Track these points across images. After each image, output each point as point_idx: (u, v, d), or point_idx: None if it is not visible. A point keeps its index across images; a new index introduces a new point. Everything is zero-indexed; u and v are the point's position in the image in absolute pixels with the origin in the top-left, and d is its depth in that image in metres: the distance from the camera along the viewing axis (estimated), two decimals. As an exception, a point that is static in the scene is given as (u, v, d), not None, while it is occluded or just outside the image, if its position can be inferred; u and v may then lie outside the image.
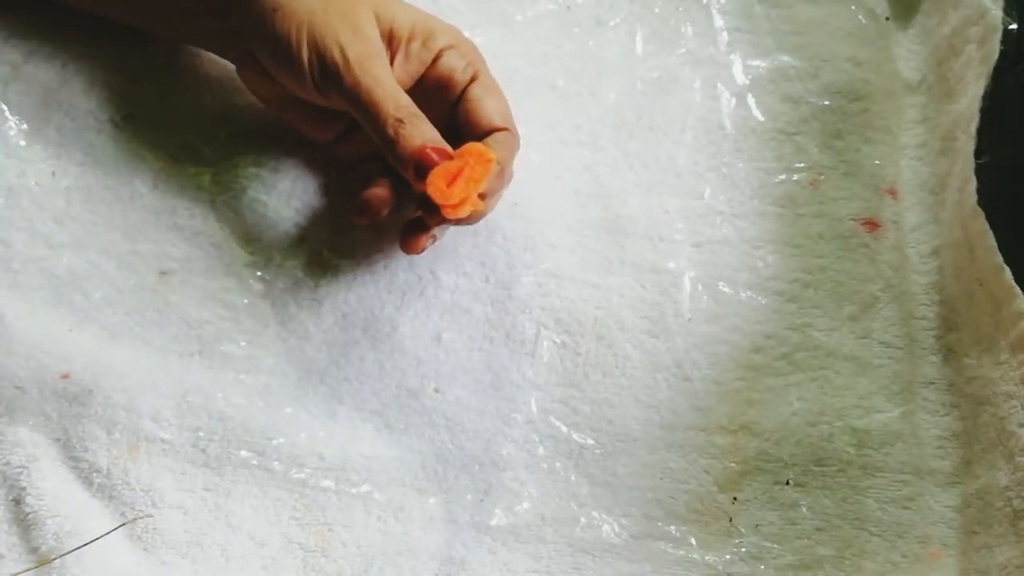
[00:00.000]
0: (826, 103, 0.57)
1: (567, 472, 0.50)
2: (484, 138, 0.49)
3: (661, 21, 0.60)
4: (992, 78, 0.52)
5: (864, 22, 0.60)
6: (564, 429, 0.50)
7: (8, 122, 0.54)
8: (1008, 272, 0.48)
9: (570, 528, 0.49)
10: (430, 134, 0.47)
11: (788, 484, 0.50)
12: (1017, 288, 0.48)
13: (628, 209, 0.55)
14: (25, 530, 0.46)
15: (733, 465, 0.50)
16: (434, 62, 0.50)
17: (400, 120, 0.46)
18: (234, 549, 0.47)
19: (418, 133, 0.46)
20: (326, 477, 0.49)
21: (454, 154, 0.47)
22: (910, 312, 0.54)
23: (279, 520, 0.48)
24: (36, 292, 0.51)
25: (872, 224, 0.55)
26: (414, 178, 0.46)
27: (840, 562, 0.48)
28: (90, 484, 0.47)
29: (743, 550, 0.48)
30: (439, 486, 0.49)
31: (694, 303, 0.53)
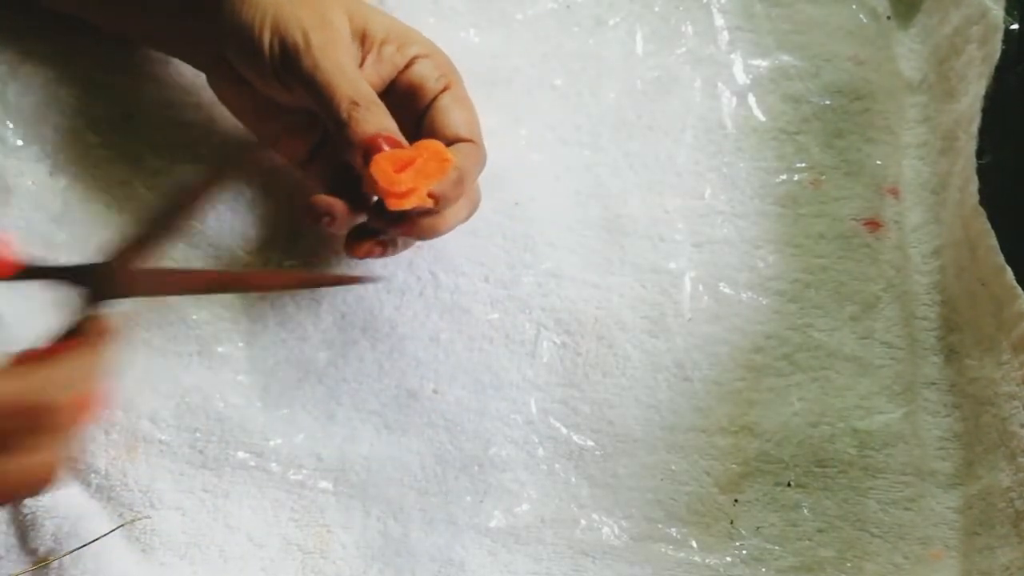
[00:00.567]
0: (827, 102, 0.57)
1: (567, 473, 0.50)
2: (448, 147, 0.47)
3: (661, 20, 0.60)
4: (993, 78, 0.52)
5: (865, 21, 0.60)
6: (564, 430, 0.50)
7: (5, 122, 0.54)
8: (1010, 272, 0.48)
9: (570, 530, 0.48)
10: (386, 123, 0.45)
11: (789, 485, 0.50)
12: (1019, 288, 0.48)
13: (628, 209, 0.55)
14: (23, 531, 0.46)
15: (734, 466, 0.50)
16: (406, 68, 0.49)
17: (355, 103, 0.45)
18: (232, 550, 0.47)
19: (373, 120, 0.45)
20: (325, 478, 0.49)
21: (408, 147, 0.45)
22: (912, 312, 0.54)
23: (278, 521, 0.48)
24: (35, 293, 0.50)
25: (873, 224, 0.55)
26: (362, 165, 0.44)
27: (841, 564, 0.48)
28: (88, 485, 0.47)
29: (744, 552, 0.48)
30: (438, 487, 0.49)
31: (695, 303, 0.53)
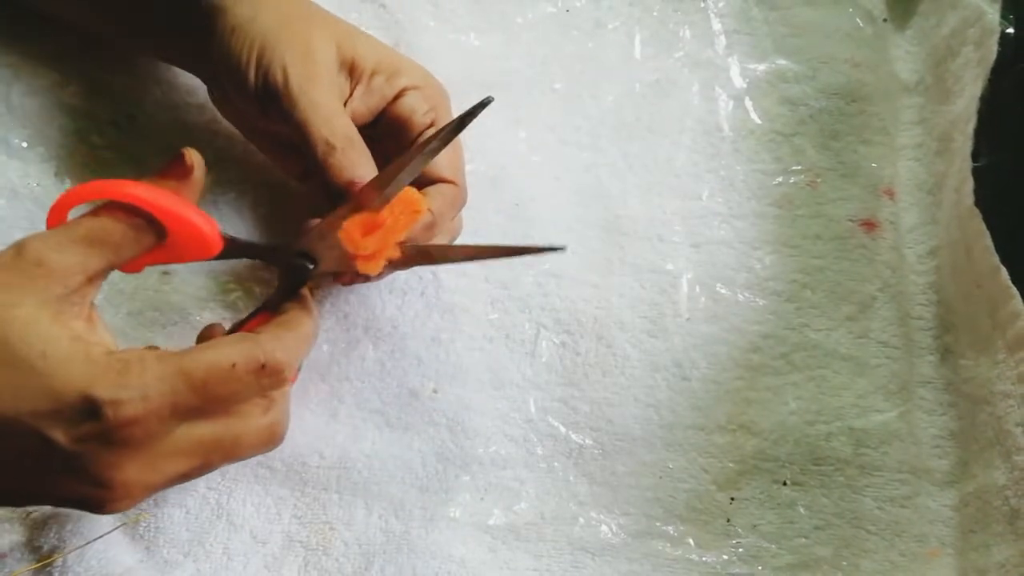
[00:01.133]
0: (823, 105, 0.58)
1: (566, 471, 0.50)
2: (427, 186, 0.47)
3: (660, 24, 0.60)
4: (989, 80, 0.52)
5: (862, 24, 0.60)
6: (563, 429, 0.51)
7: (10, 124, 0.54)
8: (1005, 272, 0.49)
9: (569, 527, 0.49)
10: (360, 165, 0.45)
11: (786, 484, 0.50)
12: (1014, 288, 0.48)
13: (627, 210, 0.55)
14: (28, 529, 0.46)
15: (731, 464, 0.50)
16: (395, 99, 0.49)
17: (331, 146, 0.45)
18: (236, 547, 0.48)
19: (348, 163, 0.44)
20: (327, 476, 0.49)
21: (379, 210, 0.44)
22: (907, 312, 0.54)
23: (280, 519, 0.48)
24: (39, 293, 0.51)
25: (870, 225, 0.55)
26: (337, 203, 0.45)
27: (838, 561, 0.49)
28: (92, 483, 0.48)
29: (741, 550, 0.49)
30: (439, 484, 0.49)
31: (693, 303, 0.53)
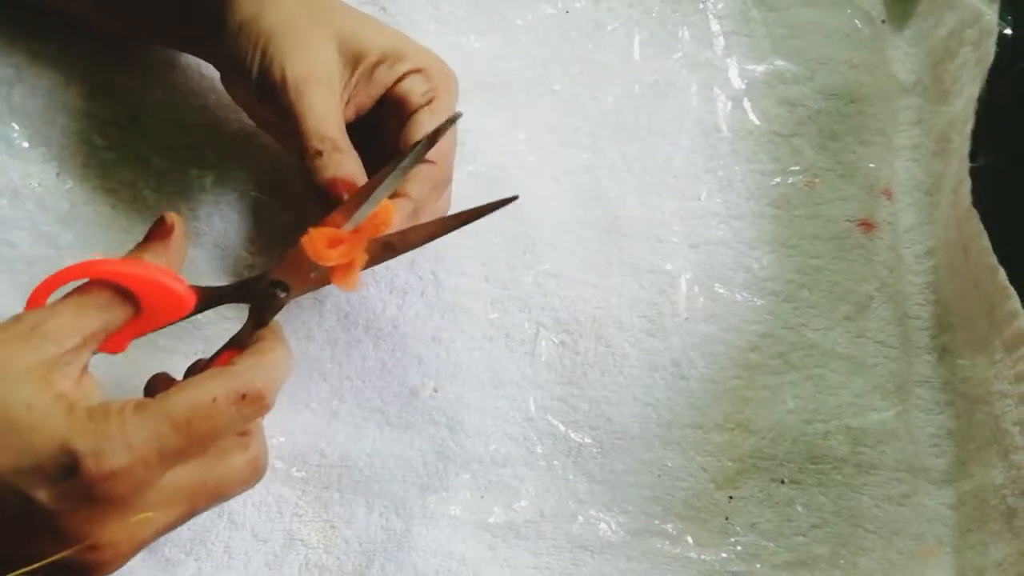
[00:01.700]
0: (822, 106, 0.58)
1: (566, 470, 0.50)
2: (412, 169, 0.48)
3: (658, 25, 0.60)
4: (987, 80, 0.52)
5: (860, 25, 0.60)
6: (562, 427, 0.51)
7: (12, 124, 0.54)
8: (1003, 272, 0.49)
9: (568, 525, 0.49)
10: (346, 169, 0.45)
11: (784, 482, 0.50)
12: (1011, 288, 0.48)
13: (626, 210, 0.55)
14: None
15: (729, 463, 0.50)
16: (397, 83, 0.49)
17: (318, 152, 0.45)
18: (237, 546, 0.48)
19: (331, 163, 0.45)
20: (328, 474, 0.49)
21: (348, 232, 0.44)
22: (905, 312, 0.54)
23: (281, 517, 0.48)
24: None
25: (867, 225, 0.55)
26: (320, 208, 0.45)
27: (835, 560, 0.49)
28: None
29: (739, 548, 0.49)
30: (440, 483, 0.49)
31: (691, 303, 0.53)
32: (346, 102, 0.49)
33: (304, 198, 0.53)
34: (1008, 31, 0.54)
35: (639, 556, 0.48)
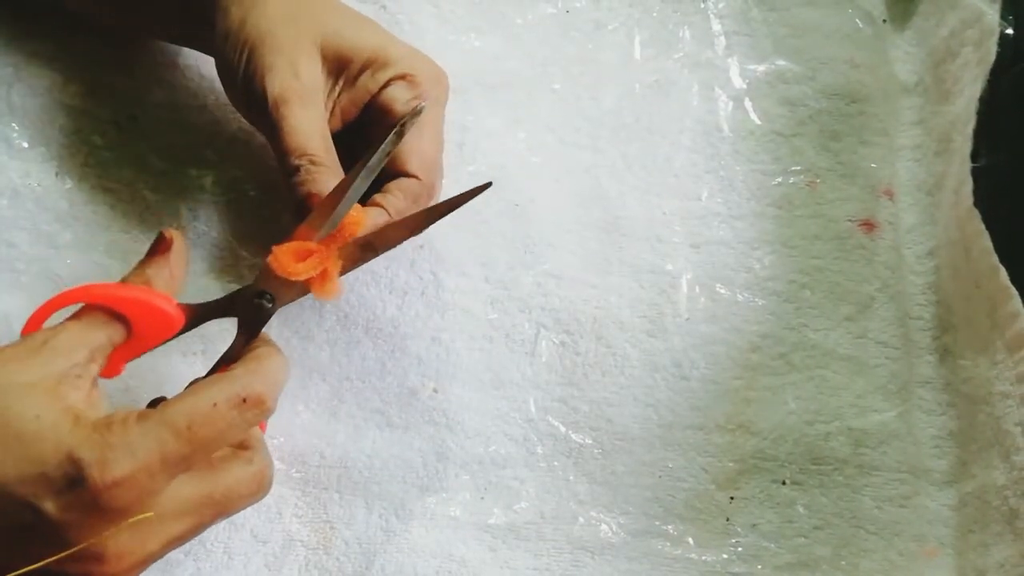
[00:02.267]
0: (823, 105, 0.58)
1: (566, 471, 0.50)
2: (393, 179, 0.48)
3: (659, 25, 0.60)
4: (988, 80, 0.52)
5: (861, 25, 0.60)
6: (563, 428, 0.51)
7: (11, 124, 0.54)
8: (1004, 272, 0.49)
9: (569, 526, 0.49)
10: (321, 184, 0.45)
11: (785, 483, 0.50)
12: (1013, 288, 0.48)
13: (627, 210, 0.55)
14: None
15: (731, 464, 0.50)
16: (381, 90, 0.49)
17: (296, 167, 0.45)
18: (236, 547, 0.48)
19: (309, 179, 0.45)
20: (328, 475, 0.49)
21: (315, 243, 0.44)
22: (906, 312, 0.54)
23: (281, 518, 0.48)
24: (40, 293, 0.51)
25: (869, 225, 0.55)
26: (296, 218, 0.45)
27: (837, 561, 0.49)
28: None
29: (740, 549, 0.49)
30: (440, 484, 0.49)
31: (692, 303, 0.53)
32: (331, 110, 0.49)
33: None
34: (1009, 31, 0.54)
35: (640, 557, 0.48)
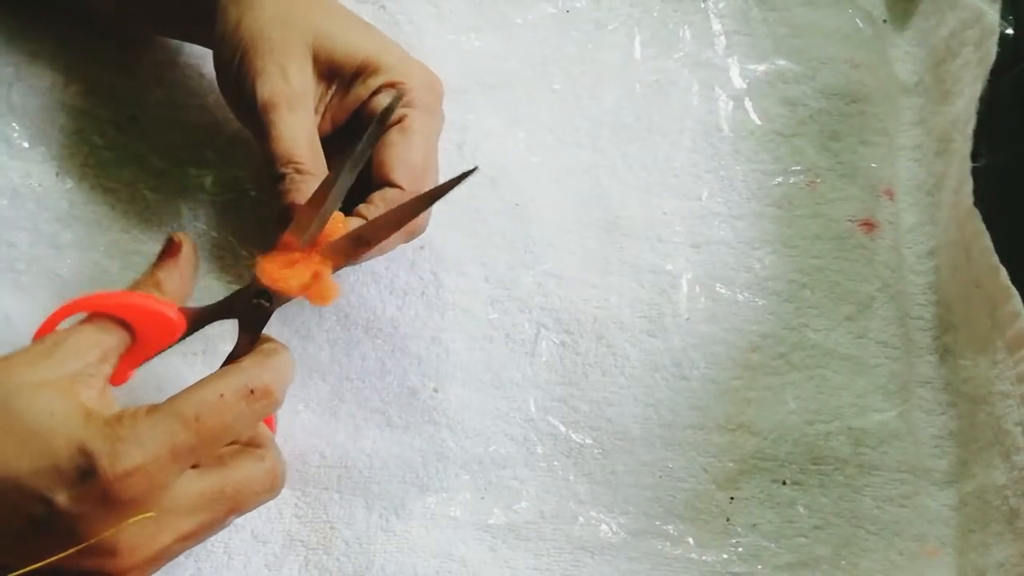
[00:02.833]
0: (823, 105, 0.58)
1: (566, 471, 0.50)
2: (377, 189, 0.47)
3: (659, 24, 0.60)
4: (988, 80, 0.52)
5: (861, 25, 0.60)
6: (563, 428, 0.51)
7: (12, 124, 0.55)
8: (1004, 272, 0.49)
9: (569, 526, 0.49)
10: (305, 194, 0.45)
11: (785, 483, 0.50)
12: (1013, 288, 0.48)
13: (627, 210, 0.55)
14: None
15: (731, 464, 0.50)
16: (371, 97, 0.49)
17: (282, 175, 0.45)
18: (237, 547, 0.48)
19: (293, 187, 0.45)
20: (328, 475, 0.49)
21: (301, 251, 0.44)
22: (907, 312, 0.54)
23: (281, 518, 0.48)
24: (40, 292, 0.52)
25: (869, 225, 0.55)
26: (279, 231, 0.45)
27: (837, 561, 0.49)
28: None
29: (740, 549, 0.49)
30: (440, 484, 0.49)
31: (692, 303, 0.53)
32: (322, 114, 0.49)
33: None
34: (1009, 31, 0.54)
35: (640, 557, 0.48)
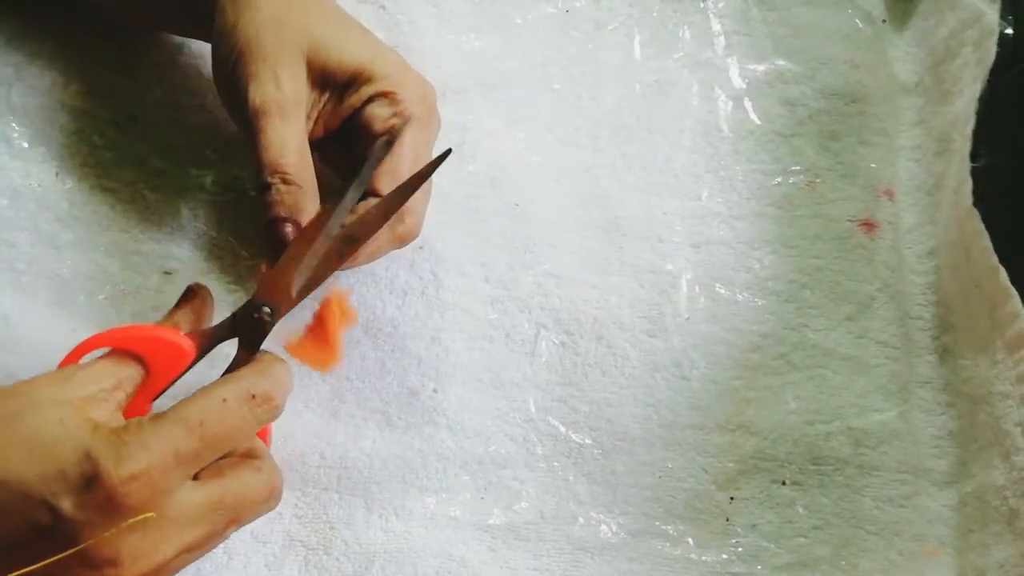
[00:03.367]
0: (823, 105, 0.58)
1: (566, 471, 0.50)
2: (362, 199, 0.47)
3: (659, 24, 0.60)
4: (988, 81, 0.52)
5: (861, 25, 0.60)
6: (563, 428, 0.51)
7: (12, 124, 0.54)
8: (1004, 273, 0.49)
9: (569, 526, 0.49)
10: (289, 206, 0.45)
11: (785, 483, 0.50)
12: (1013, 289, 0.48)
13: (627, 210, 0.55)
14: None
15: (731, 464, 0.50)
16: (363, 106, 0.49)
17: (268, 184, 0.45)
18: (237, 547, 0.48)
19: (277, 203, 0.45)
20: (328, 475, 0.49)
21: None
22: (906, 312, 0.54)
23: (281, 518, 0.48)
24: (40, 292, 0.51)
25: (869, 225, 0.55)
26: (268, 244, 0.46)
27: (837, 561, 0.49)
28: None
29: (740, 549, 0.49)
30: (439, 484, 0.49)
31: (692, 303, 0.53)
32: (314, 120, 0.48)
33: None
34: (1009, 31, 0.54)
35: (640, 557, 0.48)
